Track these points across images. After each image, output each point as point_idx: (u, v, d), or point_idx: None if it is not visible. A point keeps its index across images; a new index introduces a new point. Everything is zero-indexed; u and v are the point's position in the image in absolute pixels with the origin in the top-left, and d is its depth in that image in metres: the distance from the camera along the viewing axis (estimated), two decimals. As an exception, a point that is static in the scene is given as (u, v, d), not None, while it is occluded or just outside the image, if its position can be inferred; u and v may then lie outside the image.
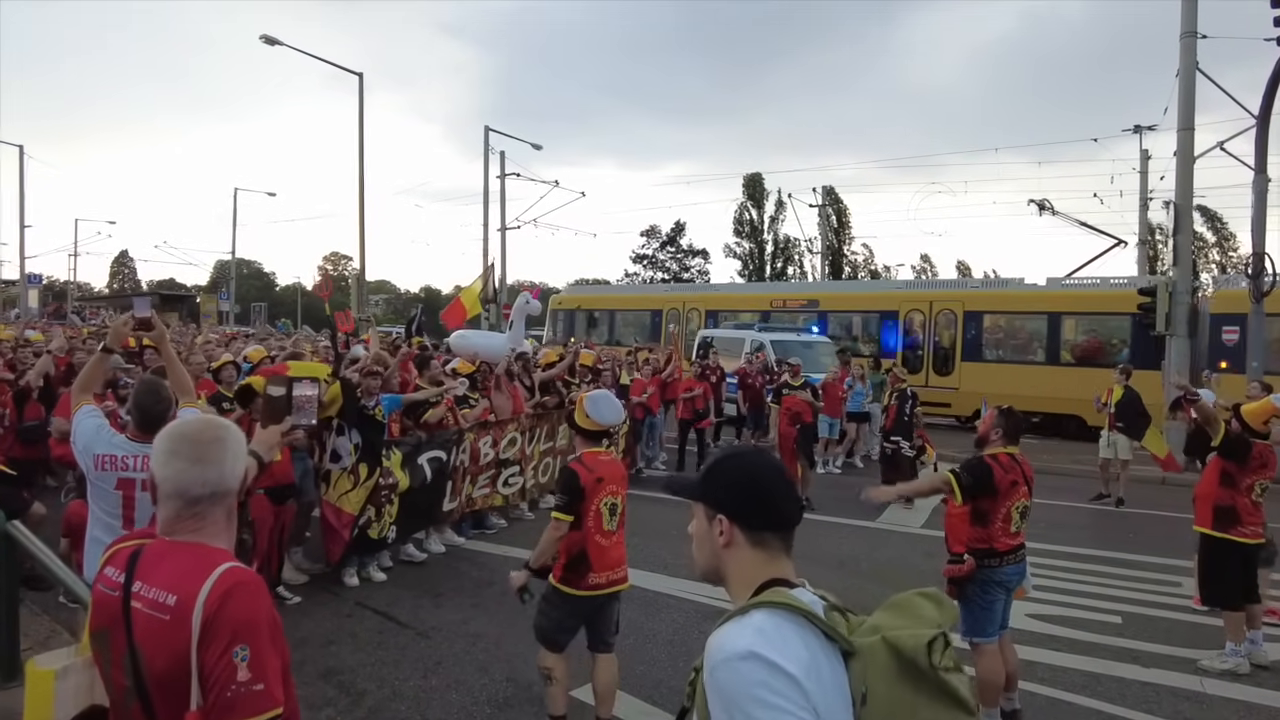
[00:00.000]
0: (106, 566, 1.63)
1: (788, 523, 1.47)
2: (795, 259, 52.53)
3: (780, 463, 1.55)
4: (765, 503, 1.46)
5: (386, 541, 6.63)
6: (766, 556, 1.44)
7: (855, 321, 20.65)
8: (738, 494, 1.47)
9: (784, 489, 1.49)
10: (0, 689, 4.36)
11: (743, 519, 1.45)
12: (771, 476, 1.49)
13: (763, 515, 1.46)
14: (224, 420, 1.70)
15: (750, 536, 1.45)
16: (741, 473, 1.49)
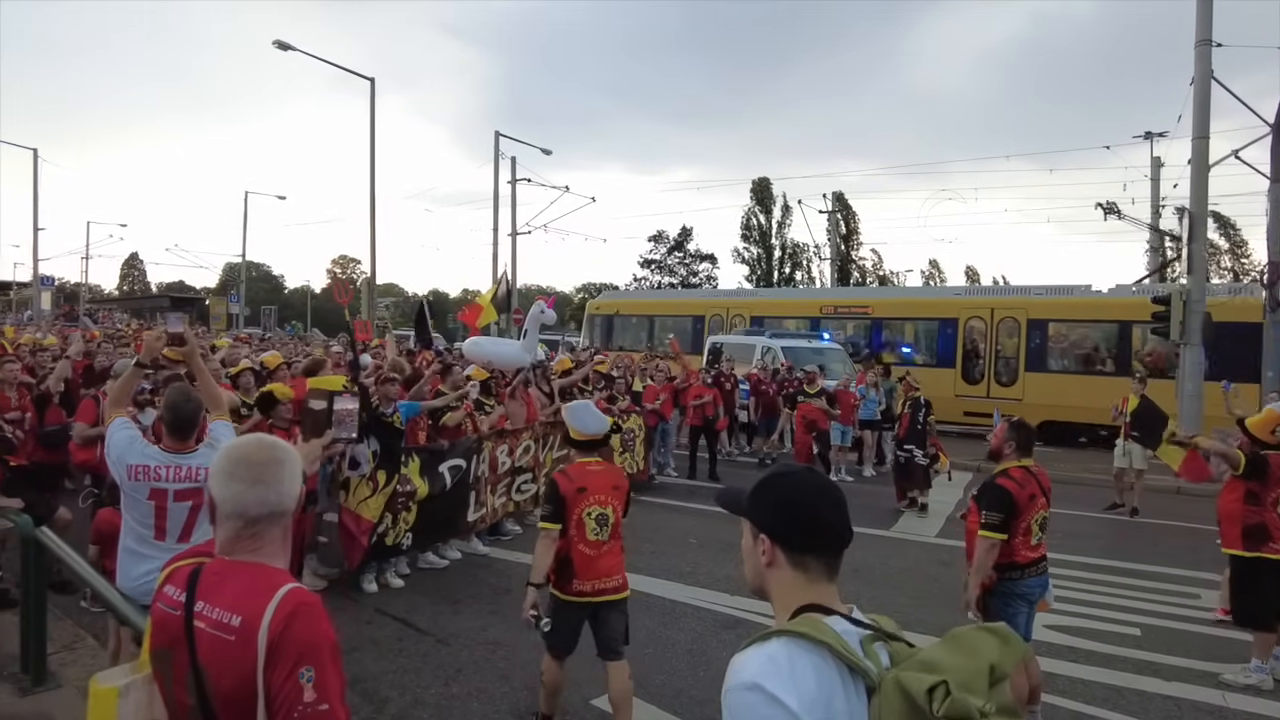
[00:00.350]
0: (166, 585, 1.65)
1: (832, 546, 1.44)
2: (803, 264, 52.54)
3: (830, 484, 1.52)
4: (808, 525, 1.43)
5: (401, 548, 6.65)
6: (806, 579, 1.42)
7: (911, 329, 19.79)
8: (781, 514, 1.45)
9: (830, 512, 1.45)
10: (29, 693, 4.40)
11: (784, 540, 1.43)
12: (818, 498, 1.45)
13: (805, 538, 1.43)
14: (281, 441, 1.72)
15: (791, 558, 1.42)
16: (787, 493, 1.46)
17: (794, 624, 1.33)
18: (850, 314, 20.26)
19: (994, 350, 17.62)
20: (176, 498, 3.54)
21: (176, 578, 1.65)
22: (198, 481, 3.53)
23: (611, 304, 26.08)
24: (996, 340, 17.61)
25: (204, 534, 3.65)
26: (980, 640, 1.33)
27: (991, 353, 17.63)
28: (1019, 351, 17.18)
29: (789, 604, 1.41)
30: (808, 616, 1.35)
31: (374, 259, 23.21)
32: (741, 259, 52.08)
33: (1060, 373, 17.00)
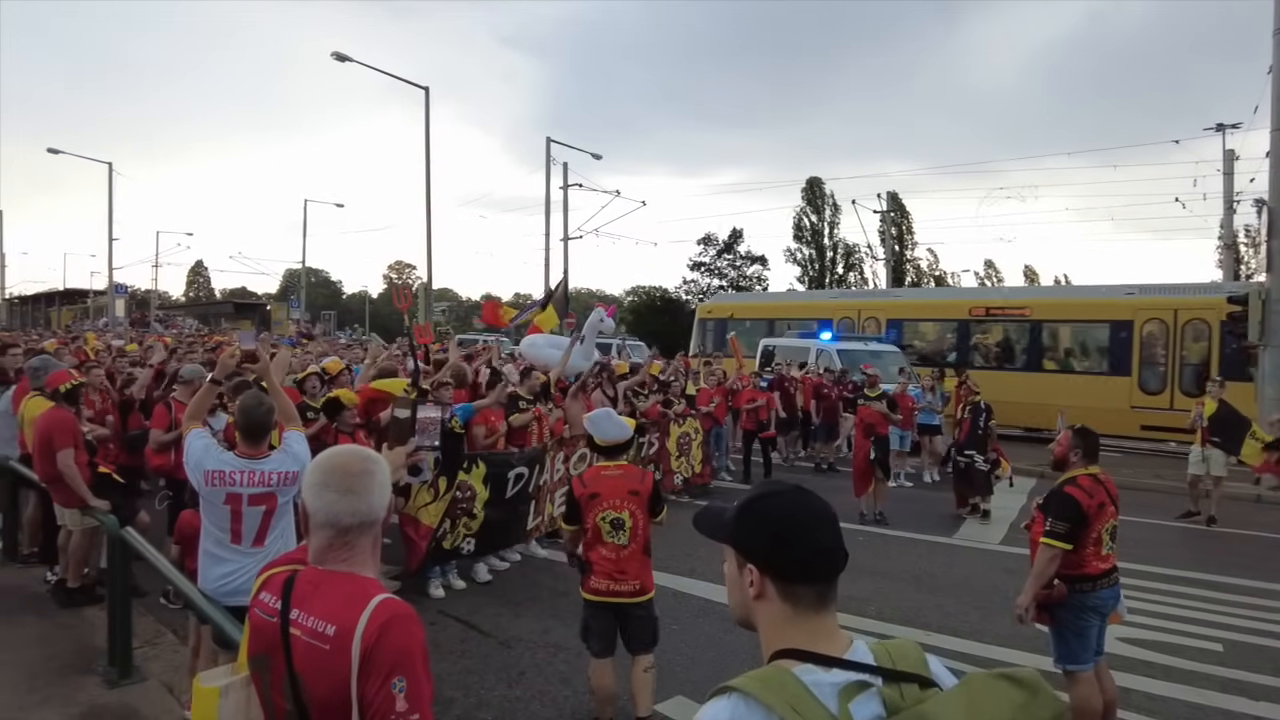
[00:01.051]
0: (262, 592, 1.71)
1: (827, 572, 1.29)
2: (856, 265, 51.88)
3: (823, 504, 1.33)
4: (801, 551, 1.27)
5: (460, 553, 6.73)
6: (795, 612, 1.27)
7: (1074, 333, 17.87)
8: (769, 541, 1.29)
9: (824, 534, 1.29)
10: (116, 686, 4.59)
11: (775, 569, 1.28)
12: (810, 520, 1.29)
13: (798, 566, 1.27)
14: (372, 452, 1.77)
15: (782, 589, 1.27)
16: (776, 516, 1.30)
17: (750, 678, 1.19)
18: (1005, 316, 18.30)
19: (1179, 356, 15.75)
20: (251, 502, 3.67)
21: (272, 584, 1.70)
22: (270, 486, 3.66)
23: (725, 306, 24.10)
24: (1181, 345, 15.73)
25: (278, 536, 3.77)
26: (1000, 693, 1.16)
27: (1176, 359, 15.78)
28: (1210, 358, 15.22)
29: (772, 642, 1.29)
30: (773, 668, 1.22)
31: (430, 265, 23.69)
32: (794, 260, 51.67)
33: None
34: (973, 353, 18.48)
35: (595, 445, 4.47)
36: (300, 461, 3.74)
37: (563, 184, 28.08)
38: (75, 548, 5.87)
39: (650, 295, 55.76)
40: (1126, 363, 16.23)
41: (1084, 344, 17.75)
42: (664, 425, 9.84)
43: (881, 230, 39.55)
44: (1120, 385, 16.11)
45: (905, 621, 6.23)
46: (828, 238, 51.26)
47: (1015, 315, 18.09)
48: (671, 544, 7.99)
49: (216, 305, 58.14)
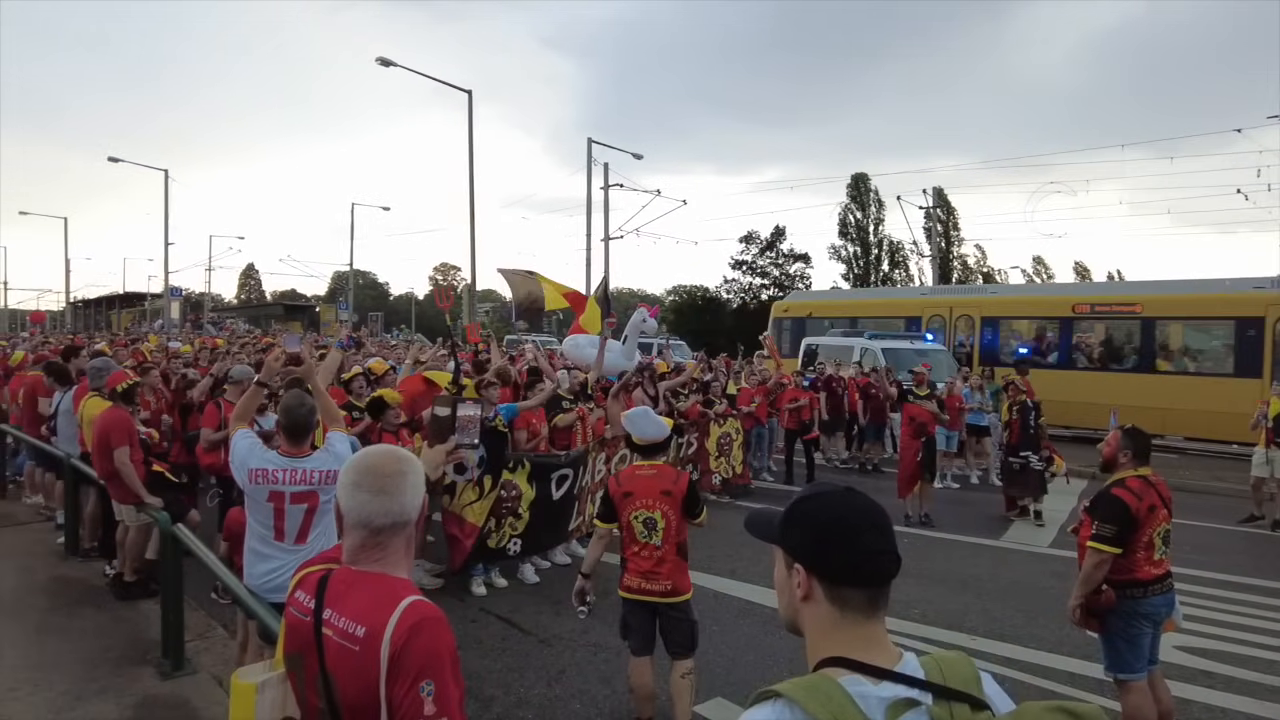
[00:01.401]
0: (297, 591, 1.73)
1: (877, 577, 1.25)
2: (901, 262, 51.12)
3: (874, 506, 1.30)
4: (849, 553, 1.24)
5: (506, 553, 6.78)
6: (843, 617, 1.24)
7: (1193, 331, 16.49)
8: (816, 540, 1.27)
9: (875, 537, 1.26)
10: (169, 677, 4.72)
11: (822, 571, 1.25)
12: (861, 522, 1.26)
13: (846, 568, 1.24)
14: (405, 452, 1.77)
15: (829, 591, 1.25)
16: (825, 516, 1.27)
17: (796, 685, 1.16)
18: (1112, 313, 17.01)
19: None
20: (293, 500, 3.73)
21: (307, 584, 1.71)
22: (312, 484, 3.72)
23: (803, 304, 22.72)
24: None
25: (320, 535, 3.82)
26: None
27: None
28: None
29: (818, 648, 1.26)
30: (820, 676, 1.19)
31: (474, 267, 23.94)
32: (838, 257, 51.10)
33: None
34: (1075, 353, 17.26)
35: (633, 444, 4.48)
36: (342, 460, 3.79)
37: (604, 184, 28.11)
38: (132, 543, 6.06)
39: (691, 294, 55.64)
40: (1256, 363, 14.78)
41: (1205, 343, 16.40)
42: (704, 425, 9.79)
43: (927, 227, 38.89)
44: (1246, 389, 14.53)
45: (950, 625, 6.11)
46: (873, 234, 50.61)
47: (1124, 312, 16.74)
48: (712, 545, 7.95)
49: (267, 307, 59.60)
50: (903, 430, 9.86)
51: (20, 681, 4.63)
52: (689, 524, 4.28)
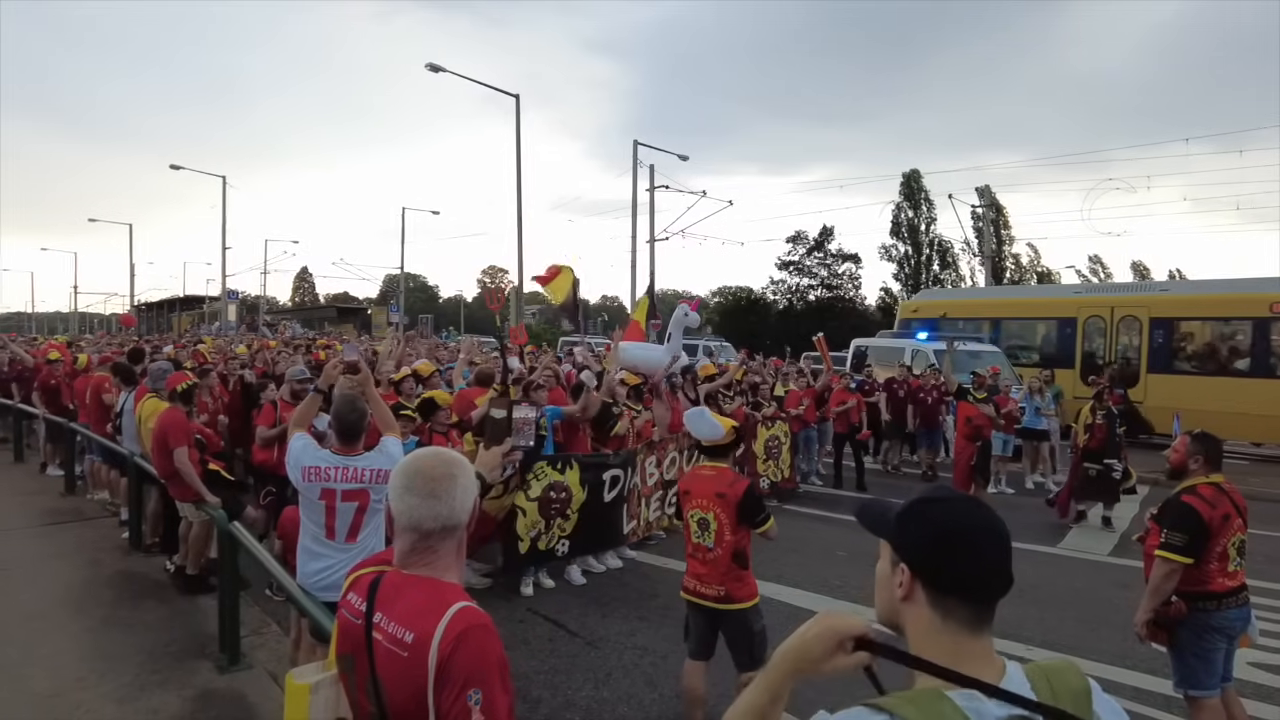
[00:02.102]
0: (350, 593, 1.73)
1: (986, 593, 1.20)
2: (951, 262, 50.17)
3: (995, 521, 1.24)
4: (962, 565, 1.19)
5: (555, 555, 6.78)
6: (943, 626, 1.19)
7: None
8: (929, 547, 1.22)
9: (992, 552, 1.20)
10: (226, 671, 4.83)
11: (929, 577, 1.21)
12: (979, 536, 1.21)
13: (955, 579, 1.19)
14: (456, 455, 1.76)
15: (933, 597, 1.20)
16: (944, 524, 1.22)
17: (903, 699, 1.12)
18: None
19: None
20: (344, 498, 3.80)
21: (359, 585, 1.72)
22: (363, 482, 3.78)
23: (936, 304, 20.58)
24: None
25: (371, 534, 3.88)
26: None
27: None
28: None
29: (919, 650, 1.22)
30: (930, 690, 1.14)
31: (521, 269, 24.11)
32: (889, 257, 50.36)
33: None
34: (1273, 360, 14.99)
35: (698, 445, 4.50)
36: (393, 460, 3.85)
37: (649, 186, 28.11)
38: (195, 537, 6.23)
39: (736, 296, 55.34)
40: None
41: None
42: (751, 428, 9.70)
43: (978, 226, 38.14)
44: None
45: (1004, 635, 5.93)
46: (928, 232, 49.77)
47: None
48: (758, 549, 7.83)
49: (320, 310, 60.95)
50: (958, 432, 9.63)
51: (88, 671, 4.79)
52: (751, 532, 4.17)
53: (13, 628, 4.09)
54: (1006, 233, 49.08)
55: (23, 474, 10.89)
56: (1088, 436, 9.52)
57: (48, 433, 10.88)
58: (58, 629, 5.43)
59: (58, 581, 6.36)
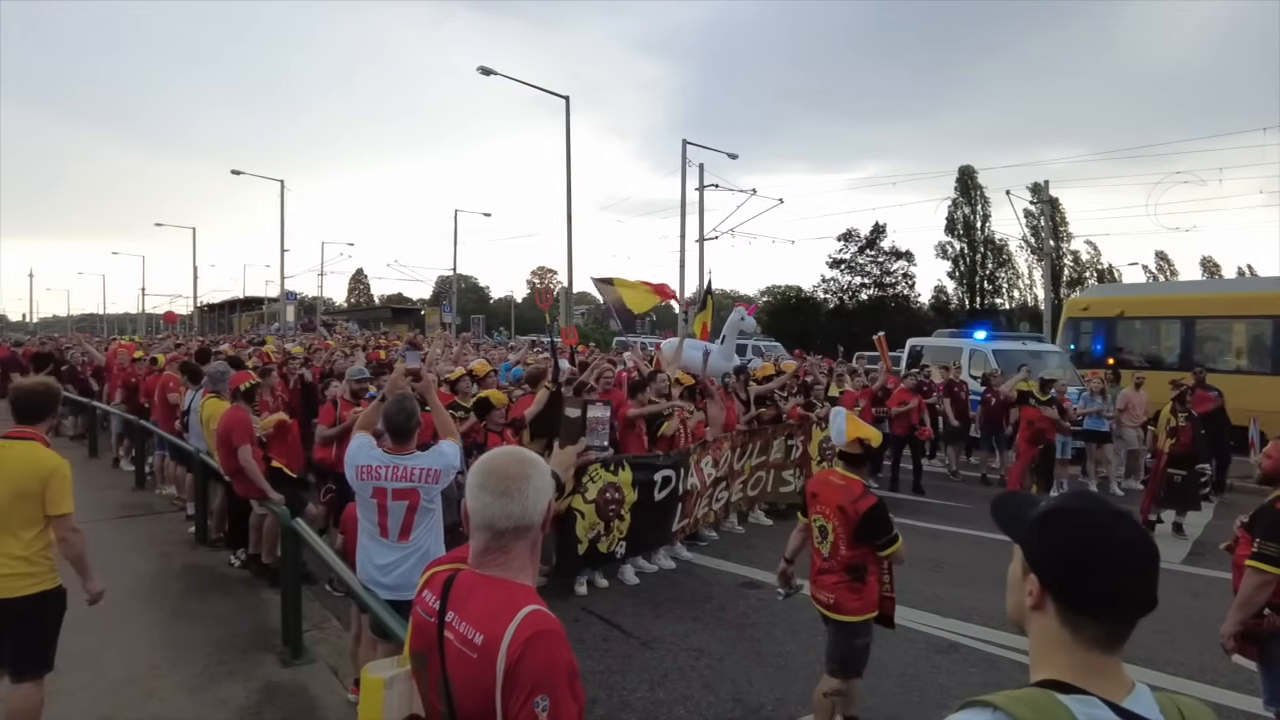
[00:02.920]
0: (424, 590, 1.73)
1: (1122, 615, 1.13)
2: (1007, 260, 49.02)
3: (1141, 539, 1.15)
4: (1096, 585, 1.12)
5: (615, 556, 6.79)
6: (1071, 641, 1.13)
7: None
8: (1063, 566, 1.15)
9: (1130, 575, 1.12)
10: (289, 665, 4.93)
11: (1060, 592, 1.15)
12: (1118, 555, 1.13)
13: (1085, 598, 1.13)
14: (532, 456, 1.76)
15: (1063, 613, 1.15)
16: (1079, 536, 1.15)
17: (1011, 698, 1.07)
18: None
19: None
20: (395, 496, 3.83)
21: (434, 583, 1.72)
22: (413, 481, 3.80)
23: (1110, 301, 17.63)
24: None
25: (425, 533, 3.89)
26: None
27: None
28: None
29: (1040, 660, 1.16)
30: (1042, 692, 1.09)
31: (570, 270, 24.25)
32: (944, 254, 49.41)
33: None
34: None
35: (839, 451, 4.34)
36: (446, 461, 3.88)
37: (699, 185, 27.98)
38: (269, 528, 6.37)
39: (785, 295, 54.82)
40: None
41: None
42: (807, 429, 9.58)
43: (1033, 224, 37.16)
44: None
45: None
46: (984, 229, 48.72)
47: None
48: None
49: (375, 310, 62.19)
50: (1020, 435, 9.35)
51: (160, 660, 4.95)
52: (871, 551, 3.98)
53: (91, 616, 4.26)
54: (1064, 229, 47.74)
55: (96, 468, 11.31)
56: (1172, 441, 9.07)
57: (122, 429, 11.30)
58: (131, 619, 5.62)
59: (130, 573, 6.58)
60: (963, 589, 6.78)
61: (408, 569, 3.82)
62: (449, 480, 3.93)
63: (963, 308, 47.50)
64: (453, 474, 3.94)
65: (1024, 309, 45.90)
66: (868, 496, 4.03)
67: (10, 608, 3.40)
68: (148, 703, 4.42)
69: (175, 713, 4.34)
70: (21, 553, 3.44)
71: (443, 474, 3.87)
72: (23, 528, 3.44)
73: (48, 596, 3.52)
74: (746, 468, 8.73)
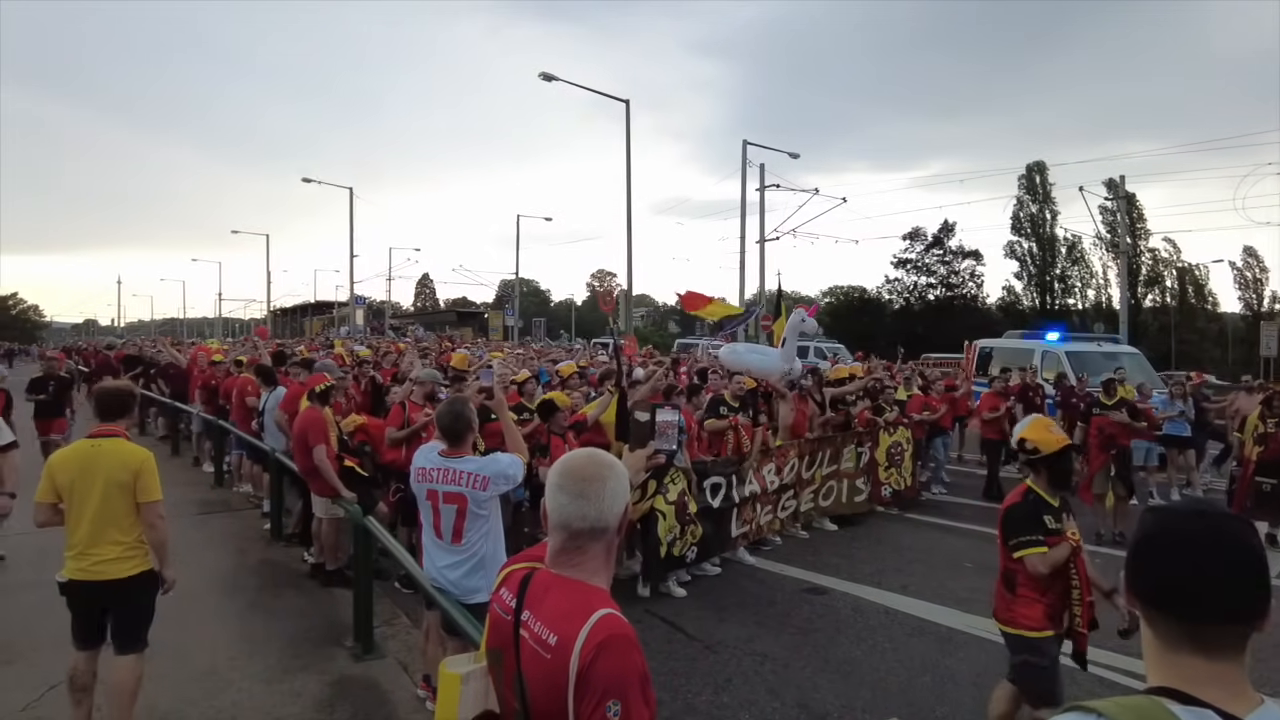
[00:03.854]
0: (502, 588, 1.75)
1: (1194, 611, 1.06)
2: (1081, 258, 47.36)
3: (1223, 532, 1.09)
4: (1156, 574, 1.09)
5: (686, 560, 6.77)
6: (1164, 646, 1.09)
7: None
8: (1129, 554, 1.13)
9: (1200, 563, 1.06)
10: (361, 660, 5.06)
11: (1132, 587, 1.13)
12: (1188, 542, 1.08)
13: (1150, 590, 1.10)
14: (611, 459, 1.76)
15: (1145, 613, 1.11)
16: (1151, 531, 1.12)
17: (1117, 704, 1.04)
18: None
19: None
20: (445, 499, 3.85)
21: (511, 581, 1.73)
22: (460, 485, 3.80)
23: None
24: None
25: (480, 538, 3.88)
26: None
27: None
28: None
29: (1150, 669, 1.11)
30: (1148, 699, 1.05)
31: (630, 273, 24.37)
32: (1011, 254, 48.07)
33: None
34: None
35: None
36: (496, 469, 3.83)
37: (759, 186, 27.77)
38: (325, 534, 6.56)
39: (849, 295, 54.06)
40: None
41: None
42: (874, 433, 9.40)
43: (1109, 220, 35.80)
44: None
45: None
46: (1053, 227, 47.18)
47: None
48: (882, 559, 7.64)
49: (441, 314, 63.61)
50: (1090, 442, 9.00)
51: (238, 652, 5.12)
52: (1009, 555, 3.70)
53: (175, 607, 4.48)
54: (1142, 226, 45.87)
55: (177, 467, 11.80)
56: (1260, 448, 8.56)
57: (202, 429, 11.76)
58: (211, 612, 5.84)
59: (210, 567, 6.84)
60: (1037, 598, 6.56)
61: (463, 573, 3.84)
62: (499, 489, 3.86)
63: (1033, 308, 46.11)
64: (506, 485, 3.87)
65: (1098, 309, 44.33)
66: (1014, 494, 3.80)
67: (117, 588, 3.77)
68: (228, 692, 4.58)
69: (254, 702, 4.48)
70: (123, 538, 3.81)
71: (491, 481, 3.81)
72: (123, 516, 3.81)
73: (147, 576, 3.89)
74: (817, 476, 8.61)
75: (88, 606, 3.82)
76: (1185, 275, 47.27)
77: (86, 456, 3.82)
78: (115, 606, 3.83)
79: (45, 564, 6.11)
